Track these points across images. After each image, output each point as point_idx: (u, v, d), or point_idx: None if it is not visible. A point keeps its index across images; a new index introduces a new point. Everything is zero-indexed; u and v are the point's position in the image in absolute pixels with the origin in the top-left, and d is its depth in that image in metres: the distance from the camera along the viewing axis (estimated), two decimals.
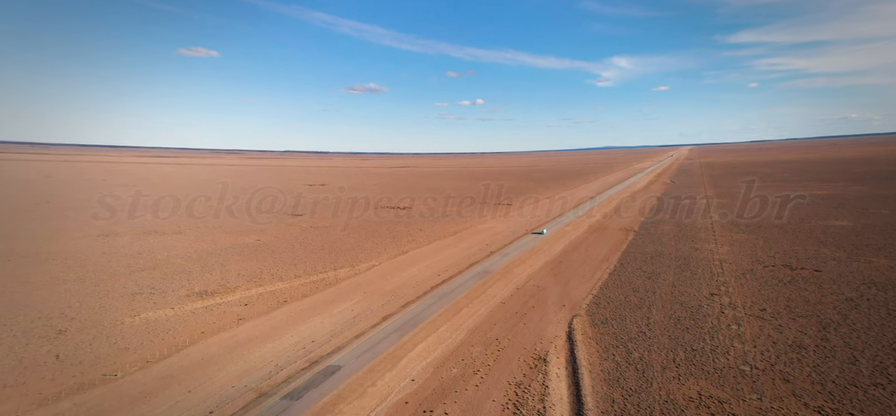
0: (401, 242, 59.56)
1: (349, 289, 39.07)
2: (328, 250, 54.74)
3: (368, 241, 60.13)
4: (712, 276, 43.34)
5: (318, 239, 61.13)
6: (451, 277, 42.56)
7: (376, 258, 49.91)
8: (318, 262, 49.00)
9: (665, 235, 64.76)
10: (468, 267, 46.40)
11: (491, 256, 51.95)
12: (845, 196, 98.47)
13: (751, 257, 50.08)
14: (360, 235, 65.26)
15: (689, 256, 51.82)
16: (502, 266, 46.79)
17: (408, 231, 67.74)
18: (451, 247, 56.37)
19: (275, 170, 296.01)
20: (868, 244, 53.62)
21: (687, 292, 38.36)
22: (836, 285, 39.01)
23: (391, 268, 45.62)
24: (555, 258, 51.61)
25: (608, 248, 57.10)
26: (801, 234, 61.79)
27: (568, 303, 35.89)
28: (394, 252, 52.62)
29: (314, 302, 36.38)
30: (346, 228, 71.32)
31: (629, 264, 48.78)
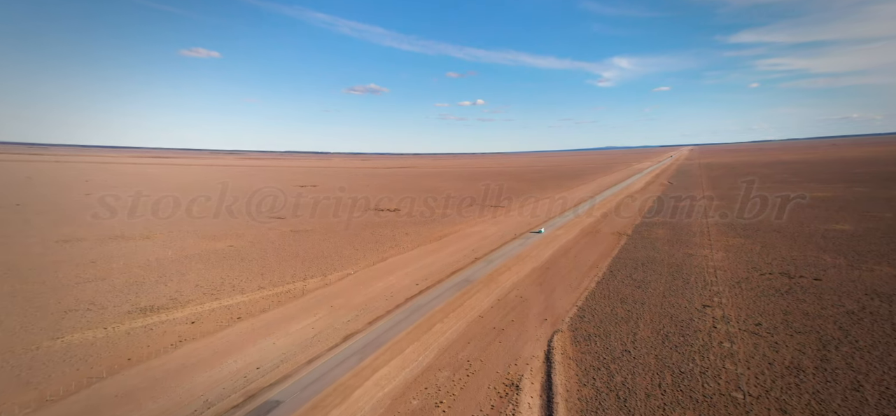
0: (383, 247, 57.12)
1: (315, 302, 36.46)
2: (303, 256, 52.34)
3: (348, 246, 57.68)
4: (706, 285, 40.98)
5: (295, 244, 58.64)
6: (431, 286, 40.16)
7: (353, 266, 47.52)
8: (288, 270, 46.43)
9: (659, 239, 62.39)
10: (450, 275, 44.03)
11: (476, 262, 49.56)
12: (846, 198, 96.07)
13: (747, 264, 47.71)
14: (340, 239, 62.83)
15: (683, 263, 49.46)
16: (486, 274, 44.42)
17: (393, 235, 65.33)
18: (436, 252, 53.97)
19: (270, 170, 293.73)
20: (870, 250, 51.23)
21: (678, 304, 36.00)
22: (836, 296, 36.64)
23: (366, 277, 43.21)
24: (542, 265, 49.25)
25: (598, 254, 54.73)
26: (799, 238, 59.43)
27: (550, 316, 33.50)
28: (373, 259, 50.20)
29: (272, 319, 33.52)
30: (328, 231, 68.83)
31: (619, 271, 46.42)
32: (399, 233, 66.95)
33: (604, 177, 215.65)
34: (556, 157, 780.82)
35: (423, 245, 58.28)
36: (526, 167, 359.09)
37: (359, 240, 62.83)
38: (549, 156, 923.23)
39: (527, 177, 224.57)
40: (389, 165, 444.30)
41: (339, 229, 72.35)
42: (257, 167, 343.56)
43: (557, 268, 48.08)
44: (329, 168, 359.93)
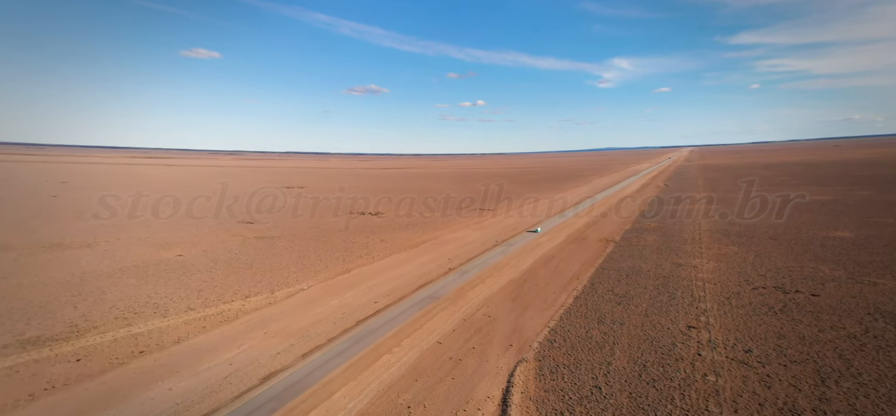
0: (351, 256, 53.35)
1: (246, 328, 31.70)
2: (256, 268, 48.20)
3: (312, 255, 53.89)
4: (693, 301, 37.49)
5: (254, 253, 54.56)
6: (391, 304, 36.35)
7: (310, 279, 43.61)
8: (232, 286, 41.64)
9: (647, 247, 58.90)
10: (416, 290, 40.30)
11: (448, 274, 45.96)
12: (847, 202, 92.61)
13: (739, 276, 44.22)
14: (307, 247, 58.94)
15: (670, 274, 45.96)
16: (456, 288, 40.79)
17: (366, 242, 61.68)
18: (408, 262, 50.37)
19: (264, 171, 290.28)
20: (872, 261, 47.75)
21: (660, 325, 32.50)
22: (836, 316, 33.15)
23: (320, 293, 39.27)
24: (520, 276, 45.70)
25: (581, 263, 51.24)
26: (796, 246, 55.96)
27: (518, 341, 29.92)
28: (336, 270, 46.42)
29: (183, 352, 28.12)
30: (297, 238, 64.84)
31: (601, 283, 42.91)
32: (374, 239, 63.24)
33: (599, 179, 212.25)
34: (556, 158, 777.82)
35: (396, 253, 54.61)
36: (524, 168, 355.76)
37: (328, 247, 58.88)
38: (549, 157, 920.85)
39: (522, 178, 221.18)
40: (386, 166, 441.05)
41: (312, 234, 68.21)
42: (252, 168, 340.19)
43: (536, 280, 44.54)
44: (325, 169, 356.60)
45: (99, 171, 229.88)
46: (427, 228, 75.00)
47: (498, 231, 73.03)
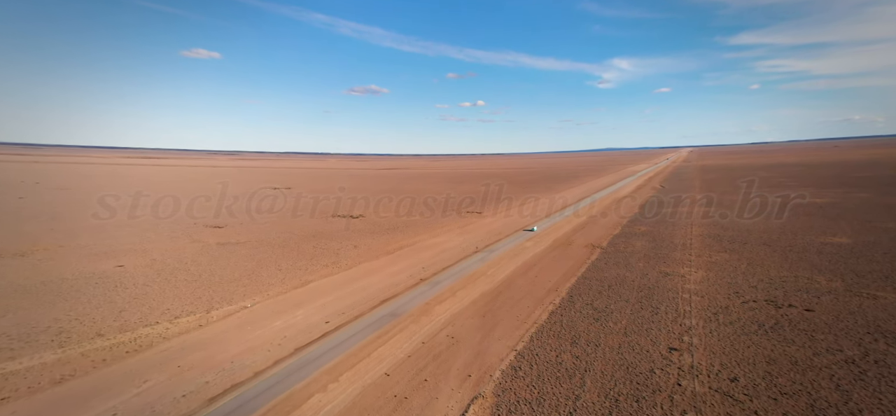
0: (315, 265, 49.91)
1: (159, 360, 26.84)
2: (202, 280, 43.96)
3: (272, 265, 50.28)
4: (677, 317, 34.51)
5: (206, 263, 50.68)
6: (344, 324, 32.87)
7: (260, 294, 39.89)
8: (163, 304, 36.99)
9: (635, 253, 55.94)
10: (378, 305, 36.97)
11: (418, 285, 42.83)
12: (845, 205, 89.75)
13: (729, 288, 41.25)
14: (270, 254, 55.37)
15: (656, 285, 42.99)
16: (422, 303, 37.62)
17: (338, 249, 58.40)
18: (377, 272, 47.22)
19: (257, 171, 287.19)
20: (871, 271, 44.81)
21: (639, 346, 29.51)
22: (832, 336, 30.19)
23: (265, 312, 35.49)
24: (494, 288, 42.64)
25: (563, 272, 48.26)
26: (791, 253, 53.03)
27: (478, 370, 26.77)
28: (293, 283, 42.93)
29: (51, 401, 22.34)
30: (263, 244, 61.25)
31: (581, 296, 39.92)
32: (346, 246, 60.03)
33: (596, 180, 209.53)
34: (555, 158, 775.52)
35: (367, 262, 51.41)
36: (521, 169, 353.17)
37: (293, 255, 55.30)
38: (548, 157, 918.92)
39: (518, 179, 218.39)
40: (383, 166, 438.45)
41: (281, 239, 64.70)
42: (246, 168, 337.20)
43: (511, 292, 41.48)
44: (320, 169, 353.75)
45: (86, 171, 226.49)
46: (408, 232, 71.97)
47: (481, 236, 70.04)
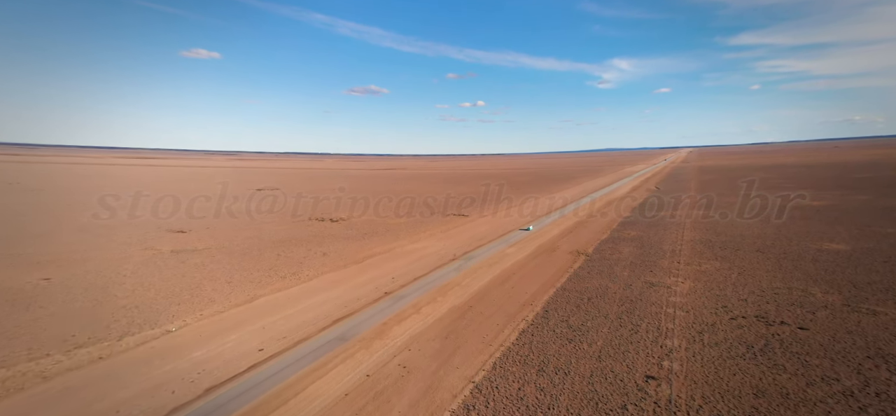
0: (273, 276, 46.20)
1: (18, 414, 22.27)
2: (133, 297, 39.00)
3: (222, 277, 45.85)
4: (659, 337, 31.50)
5: (147, 275, 46.08)
6: (281, 352, 28.84)
7: (193, 314, 35.37)
8: (69, 329, 31.90)
9: (621, 261, 52.93)
10: (329, 326, 33.39)
11: (381, 300, 39.39)
12: (844, 207, 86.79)
13: (717, 301, 38.24)
14: (226, 264, 51.20)
15: (639, 297, 39.97)
16: (379, 322, 34.03)
17: (304, 257, 54.79)
18: (340, 284, 43.84)
19: (251, 172, 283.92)
20: (870, 282, 41.82)
21: (614, 374, 26.49)
22: (828, 361, 27.18)
23: (191, 337, 30.97)
24: (465, 302, 39.54)
25: (542, 282, 45.23)
26: (786, 262, 50.05)
27: (426, 411, 23.57)
28: (239, 299, 39.19)
29: None
30: (224, 251, 57.26)
31: (557, 310, 36.90)
32: (314, 253, 56.72)
33: (592, 181, 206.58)
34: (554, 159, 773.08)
35: (332, 271, 48.07)
36: (518, 169, 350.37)
37: (251, 264, 51.29)
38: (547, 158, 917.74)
39: (514, 180, 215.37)
40: (381, 167, 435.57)
41: (245, 246, 60.85)
42: (240, 168, 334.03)
43: (483, 306, 38.39)
44: (316, 170, 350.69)
45: (73, 171, 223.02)
46: (387, 236, 68.86)
47: (464, 240, 66.98)
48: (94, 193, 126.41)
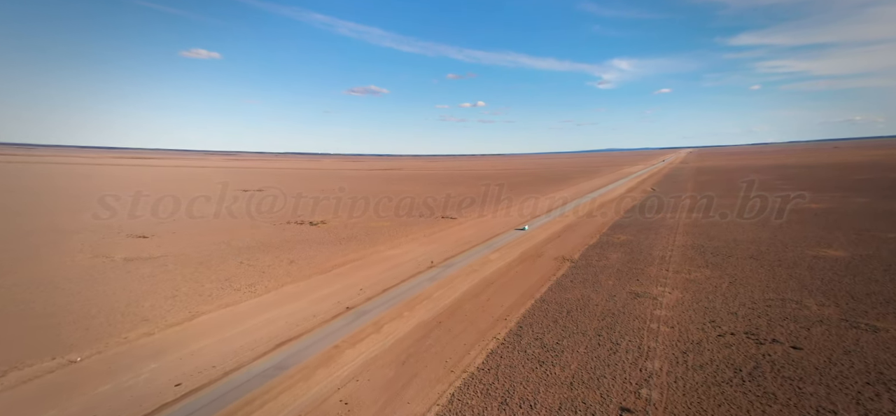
0: (225, 291, 41.77)
1: None
2: (52, 316, 34.74)
3: (169, 290, 41.57)
4: (639, 358, 28.78)
5: (88, 286, 41.99)
6: (203, 387, 24.77)
7: (115, 336, 30.85)
8: None
9: (607, 268, 50.20)
10: (269, 352, 29.20)
11: (339, 318, 35.83)
12: (843, 210, 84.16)
13: (705, 315, 35.52)
14: (177, 274, 46.80)
15: (622, 309, 37.25)
16: (331, 345, 30.35)
17: (266, 266, 51.06)
18: (296, 299, 40.01)
19: (244, 172, 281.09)
20: (870, 293, 39.13)
21: (585, 404, 23.74)
22: (824, 388, 24.46)
23: (97, 369, 26.32)
24: (434, 317, 36.63)
25: (521, 293, 42.50)
26: (780, 269, 47.36)
27: None
28: (176, 318, 34.95)
29: None
30: (180, 260, 52.57)
31: (532, 326, 34.16)
32: (281, 261, 53.39)
33: (588, 182, 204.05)
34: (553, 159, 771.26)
35: (292, 283, 44.17)
36: (517, 170, 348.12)
37: (206, 275, 46.97)
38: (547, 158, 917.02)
39: (509, 181, 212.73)
40: (378, 167, 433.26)
41: (206, 253, 56.80)
42: (234, 168, 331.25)
43: (453, 322, 35.56)
44: (312, 170, 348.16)
45: (59, 171, 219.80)
46: (365, 241, 66.03)
47: (448, 245, 64.23)
48: (68, 194, 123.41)
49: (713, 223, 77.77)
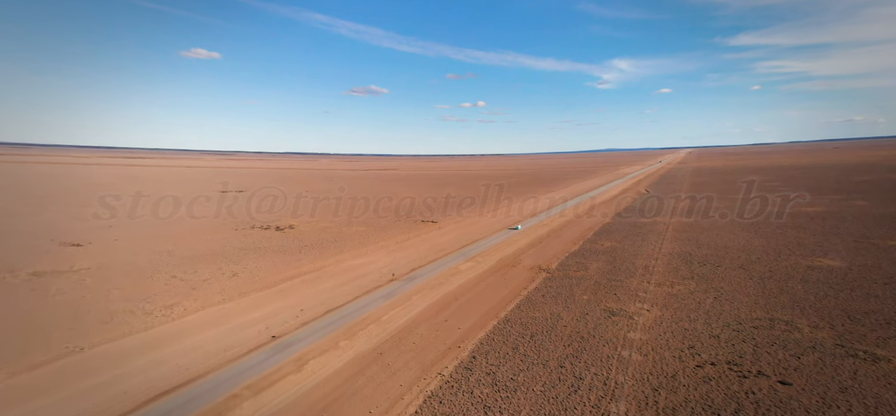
0: (134, 315, 35.71)
1: None
2: None
3: (58, 318, 35.12)
4: (603, 398, 24.77)
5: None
6: None
7: None
8: None
9: (585, 280, 46.19)
10: (136, 410, 23.05)
11: (260, 350, 30.18)
12: (842, 214, 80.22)
13: (683, 338, 31.52)
14: (89, 294, 40.53)
15: (593, 332, 33.25)
16: (228, 394, 24.56)
17: (205, 280, 45.84)
18: (221, 323, 34.49)
19: (234, 172, 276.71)
20: (869, 312, 35.16)
21: None
22: None
23: None
24: (376, 347, 31.60)
25: (485, 311, 38.47)
26: (771, 282, 43.38)
27: None
28: (51, 354, 28.56)
29: None
30: (100, 272, 47.12)
31: (487, 355, 30.12)
32: (223, 274, 47.96)
33: (582, 182, 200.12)
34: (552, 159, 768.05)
35: (225, 303, 39.09)
36: (514, 170, 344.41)
37: (123, 294, 40.42)
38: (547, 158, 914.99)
39: (503, 181, 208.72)
40: (374, 167, 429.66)
41: (142, 264, 51.02)
42: (225, 168, 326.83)
43: (396, 354, 30.83)
44: (305, 170, 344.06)
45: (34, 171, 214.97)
46: (330, 249, 61.80)
47: (418, 253, 60.15)
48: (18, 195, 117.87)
49: (704, 228, 73.79)
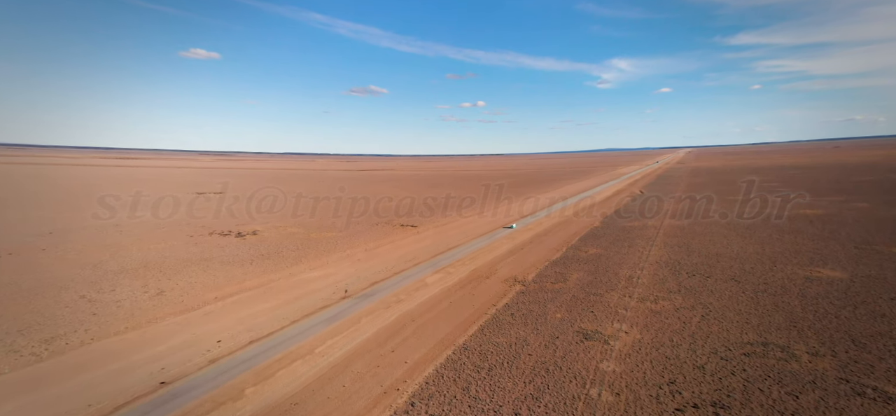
0: (41, 346, 30.67)
1: None
2: None
3: None
4: None
5: None
6: None
7: None
8: None
9: (561, 294, 41.78)
10: None
11: (137, 403, 24.12)
12: (842, 217, 75.87)
13: (664, 370, 27.12)
14: None
15: (561, 362, 28.85)
16: None
17: (120, 300, 40.19)
18: (103, 364, 28.27)
19: (225, 172, 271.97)
20: (875, 334, 30.78)
21: None
22: None
23: None
24: (290, 397, 26.04)
25: (442, 336, 34.01)
26: (765, 296, 38.98)
27: None
28: None
29: None
30: (14, 289, 42.08)
31: (429, 403, 25.51)
32: (147, 292, 42.39)
33: (576, 183, 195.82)
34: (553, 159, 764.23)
35: (123, 333, 33.12)
36: (511, 170, 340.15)
37: (6, 324, 34.57)
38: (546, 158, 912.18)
39: (498, 182, 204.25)
40: (369, 167, 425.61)
41: (52, 278, 45.70)
42: (217, 169, 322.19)
43: (315, 403, 25.17)
44: (299, 171, 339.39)
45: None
46: (289, 259, 56.93)
47: (386, 264, 55.57)
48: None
49: (696, 232, 69.37)
